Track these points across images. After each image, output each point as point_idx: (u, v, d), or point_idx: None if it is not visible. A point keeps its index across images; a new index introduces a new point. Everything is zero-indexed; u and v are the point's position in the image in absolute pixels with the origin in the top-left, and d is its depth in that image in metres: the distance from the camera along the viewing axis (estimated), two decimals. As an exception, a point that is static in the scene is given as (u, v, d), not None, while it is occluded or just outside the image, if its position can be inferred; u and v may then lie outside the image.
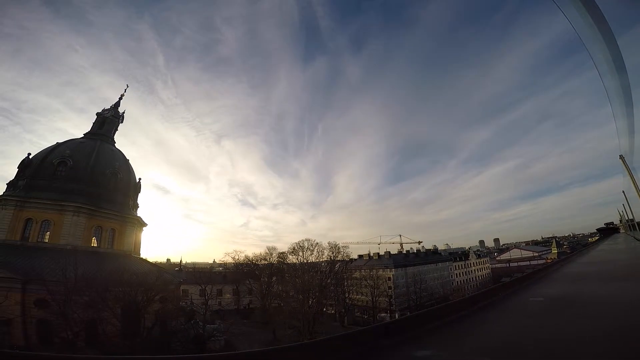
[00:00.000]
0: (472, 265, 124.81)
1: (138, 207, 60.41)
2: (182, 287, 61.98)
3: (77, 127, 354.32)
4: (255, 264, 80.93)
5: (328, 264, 68.68)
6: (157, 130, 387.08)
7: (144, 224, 60.45)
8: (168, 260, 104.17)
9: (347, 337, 11.51)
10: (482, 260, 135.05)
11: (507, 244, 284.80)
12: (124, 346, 34.03)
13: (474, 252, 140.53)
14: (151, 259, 73.73)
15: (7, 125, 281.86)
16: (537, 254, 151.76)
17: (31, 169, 49.43)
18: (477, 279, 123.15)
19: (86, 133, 59.16)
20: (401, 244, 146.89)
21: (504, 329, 8.95)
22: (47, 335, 36.09)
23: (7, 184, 49.96)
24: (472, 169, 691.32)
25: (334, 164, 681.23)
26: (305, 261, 65.51)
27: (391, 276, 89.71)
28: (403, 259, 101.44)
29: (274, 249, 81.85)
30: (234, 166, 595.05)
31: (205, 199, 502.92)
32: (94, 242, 49.87)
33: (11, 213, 44.88)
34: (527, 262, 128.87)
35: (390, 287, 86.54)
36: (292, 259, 70.83)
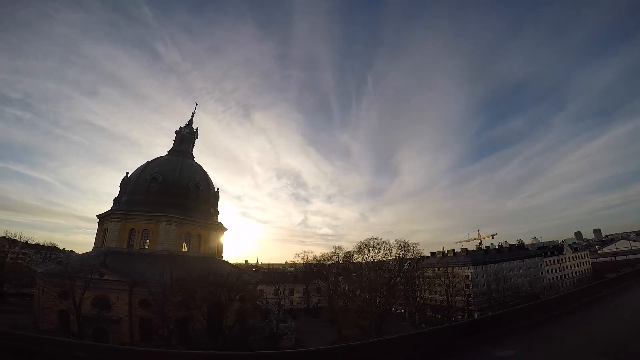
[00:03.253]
0: (567, 260, 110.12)
1: (218, 213, 66.48)
2: (258, 287, 66.07)
3: (96, 114, 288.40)
4: (322, 264, 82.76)
5: (396, 262, 66.77)
6: (181, 109, 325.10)
7: (225, 229, 66.15)
8: (246, 261, 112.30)
9: (421, 336, 11.20)
10: (579, 254, 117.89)
11: (612, 234, 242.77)
12: (209, 343, 36.51)
13: (569, 245, 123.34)
14: (231, 261, 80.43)
15: (31, 118, 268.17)
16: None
17: (130, 186, 57.95)
18: (574, 275, 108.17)
19: (169, 150, 67.18)
20: (480, 240, 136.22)
21: (611, 329, 7.76)
22: (148, 332, 40.70)
23: (113, 200, 59.47)
24: (586, 129, 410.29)
25: (395, 133, 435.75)
26: (371, 260, 64.66)
27: (469, 274, 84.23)
28: (482, 256, 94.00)
29: (340, 248, 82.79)
30: (274, 148, 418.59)
31: (257, 195, 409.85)
32: (184, 247, 56.03)
33: (118, 225, 53.12)
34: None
35: (468, 286, 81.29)
36: (357, 258, 70.53)
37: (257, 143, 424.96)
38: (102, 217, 57.98)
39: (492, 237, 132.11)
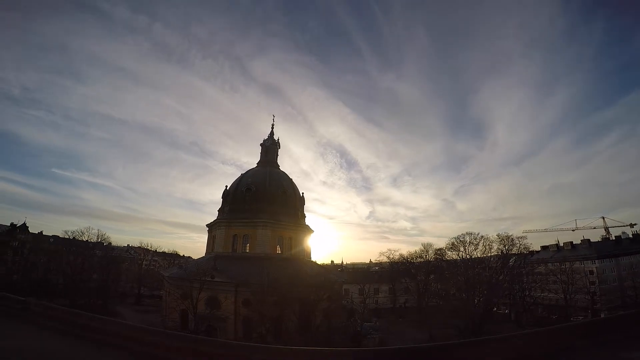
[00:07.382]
0: None
1: (305, 217, 70.33)
2: (343, 287, 67.09)
3: (96, 100, 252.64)
4: (410, 262, 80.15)
5: (499, 258, 60.36)
6: (174, 78, 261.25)
7: (312, 231, 69.35)
8: (332, 262, 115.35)
9: (532, 335, 10.29)
10: None
11: None
12: (299, 341, 37.72)
13: None
14: (318, 262, 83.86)
15: (43, 116, 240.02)
16: None
17: (230, 197, 65.51)
18: None
19: (258, 162, 73.70)
20: (606, 229, 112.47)
21: None
22: (248, 330, 44.34)
23: (218, 210, 68.32)
24: None
25: (466, 59, 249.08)
26: (468, 257, 59.81)
27: (594, 269, 73.03)
28: (612, 247, 79.74)
29: (430, 245, 78.98)
30: (300, 113, 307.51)
31: (310, 185, 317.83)
32: (278, 250, 60.54)
33: (223, 232, 60.42)
34: None
35: (593, 283, 70.74)
36: (451, 255, 66.10)
37: (275, 106, 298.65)
38: (210, 226, 67.18)
39: (632, 227, 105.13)
